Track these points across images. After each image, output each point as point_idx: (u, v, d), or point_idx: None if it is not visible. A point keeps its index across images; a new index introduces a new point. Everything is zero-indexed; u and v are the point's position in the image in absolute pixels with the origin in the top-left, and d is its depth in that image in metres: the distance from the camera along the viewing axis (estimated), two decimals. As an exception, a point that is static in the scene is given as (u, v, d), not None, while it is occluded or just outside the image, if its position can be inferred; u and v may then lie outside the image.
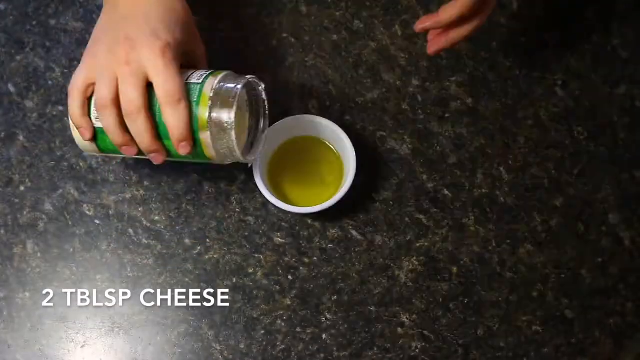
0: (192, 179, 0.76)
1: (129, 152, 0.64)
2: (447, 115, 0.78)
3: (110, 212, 0.76)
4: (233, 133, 0.62)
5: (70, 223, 0.75)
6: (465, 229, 0.76)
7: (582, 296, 0.75)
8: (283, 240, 0.75)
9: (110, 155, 0.67)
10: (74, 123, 0.65)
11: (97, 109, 0.62)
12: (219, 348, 0.73)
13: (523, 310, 0.74)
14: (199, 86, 0.63)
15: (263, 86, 0.67)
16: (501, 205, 0.76)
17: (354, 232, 0.76)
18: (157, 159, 0.64)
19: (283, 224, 0.76)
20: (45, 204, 0.76)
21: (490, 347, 0.73)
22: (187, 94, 0.62)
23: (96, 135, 0.65)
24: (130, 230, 0.75)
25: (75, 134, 0.66)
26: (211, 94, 0.62)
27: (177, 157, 0.65)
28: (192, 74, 0.64)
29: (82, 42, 0.80)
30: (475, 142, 0.78)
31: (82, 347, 0.73)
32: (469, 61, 0.80)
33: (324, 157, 0.75)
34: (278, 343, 0.73)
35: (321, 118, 0.73)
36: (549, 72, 0.80)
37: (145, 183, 0.76)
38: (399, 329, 0.74)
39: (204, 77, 0.63)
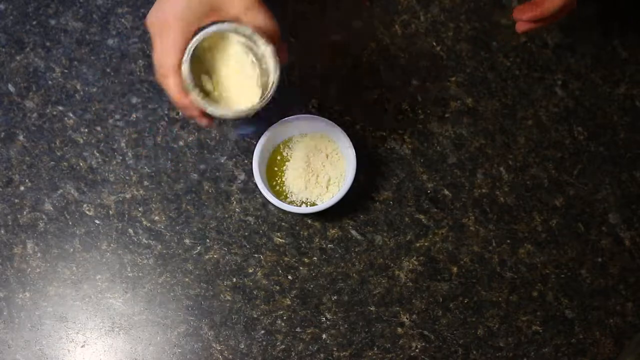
0: (192, 179, 0.76)
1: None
2: (447, 115, 0.78)
3: (110, 212, 0.76)
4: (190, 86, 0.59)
5: (70, 223, 0.75)
6: (465, 229, 0.76)
7: (582, 296, 0.75)
8: (283, 240, 0.75)
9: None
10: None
11: None
12: (219, 348, 0.73)
13: (523, 310, 0.74)
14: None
15: (263, 40, 0.60)
16: (501, 205, 0.76)
17: (354, 232, 0.76)
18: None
19: (283, 224, 0.76)
20: (45, 204, 0.76)
21: (490, 347, 0.73)
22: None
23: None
24: (130, 230, 0.75)
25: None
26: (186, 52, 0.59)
27: None
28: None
29: (82, 42, 0.80)
30: (475, 142, 0.78)
31: (82, 347, 0.73)
32: (469, 61, 0.80)
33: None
34: (278, 343, 0.73)
35: (321, 118, 0.73)
36: (549, 72, 0.80)
37: (145, 183, 0.76)
38: (399, 329, 0.73)
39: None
